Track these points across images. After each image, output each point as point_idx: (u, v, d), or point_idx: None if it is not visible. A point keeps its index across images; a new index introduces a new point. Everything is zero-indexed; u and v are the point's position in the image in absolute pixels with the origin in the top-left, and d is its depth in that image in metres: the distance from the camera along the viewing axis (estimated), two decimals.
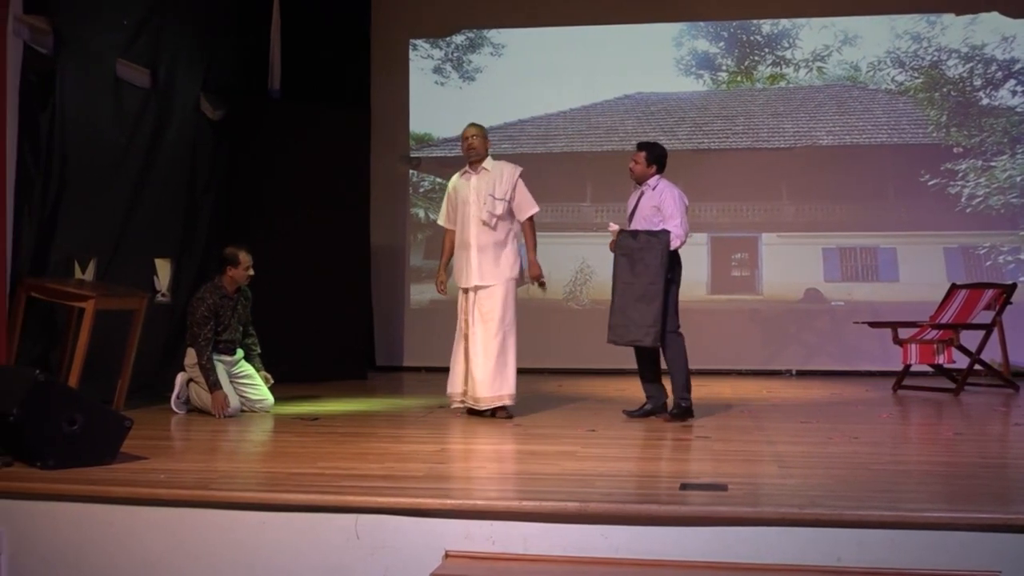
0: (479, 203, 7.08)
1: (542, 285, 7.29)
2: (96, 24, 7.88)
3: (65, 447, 4.90)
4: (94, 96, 7.86)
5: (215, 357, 7.43)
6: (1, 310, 6.52)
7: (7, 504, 4.52)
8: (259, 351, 7.82)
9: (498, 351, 6.98)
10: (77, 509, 4.46)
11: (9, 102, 6.75)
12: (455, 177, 7.34)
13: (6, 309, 6.65)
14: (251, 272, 7.58)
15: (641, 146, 7.13)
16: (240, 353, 7.71)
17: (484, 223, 7.06)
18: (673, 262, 6.79)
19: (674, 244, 6.71)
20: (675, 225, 6.74)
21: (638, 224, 6.93)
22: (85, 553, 4.42)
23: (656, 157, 7.02)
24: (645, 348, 6.87)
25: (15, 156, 6.97)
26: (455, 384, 7.13)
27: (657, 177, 6.99)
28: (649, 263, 6.70)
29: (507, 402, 7.00)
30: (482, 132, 7.23)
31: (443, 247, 7.41)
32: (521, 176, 7.19)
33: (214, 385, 7.29)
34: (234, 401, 7.40)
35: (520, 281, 7.21)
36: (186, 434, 6.67)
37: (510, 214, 7.15)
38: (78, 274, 7.62)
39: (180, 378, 7.57)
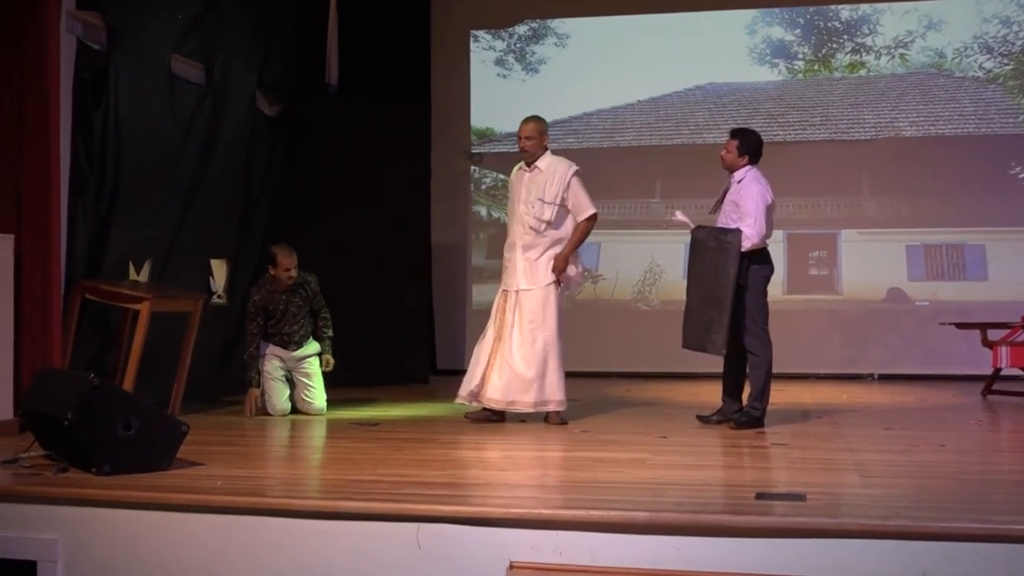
0: (527, 205, 7.04)
1: (557, 283, 7.11)
2: (150, 19, 8.00)
3: (120, 452, 4.98)
4: (148, 93, 7.99)
5: (272, 350, 7.70)
6: (56, 312, 6.64)
7: (62, 511, 4.60)
8: (330, 334, 7.92)
9: (539, 357, 6.94)
10: (132, 516, 4.52)
11: (63, 100, 6.87)
12: (515, 169, 7.29)
13: (61, 311, 6.77)
14: (292, 273, 7.61)
15: (734, 133, 6.94)
16: (308, 348, 7.85)
17: (531, 228, 7.04)
18: (753, 263, 6.63)
19: (744, 246, 6.53)
20: (748, 224, 6.57)
21: (720, 219, 6.84)
22: (140, 560, 4.49)
23: (749, 146, 6.81)
24: (734, 347, 6.77)
25: (69, 155, 7.10)
26: (471, 382, 7.05)
27: (747, 168, 6.79)
28: (719, 264, 6.58)
29: (553, 408, 6.97)
30: (538, 130, 7.08)
31: None
32: (577, 175, 7.07)
33: (249, 381, 7.64)
34: (281, 403, 7.68)
35: (569, 285, 7.17)
36: (243, 440, 6.74)
37: (563, 216, 7.08)
38: (133, 275, 7.74)
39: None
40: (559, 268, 7.04)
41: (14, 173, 6.53)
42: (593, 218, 7.11)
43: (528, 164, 7.12)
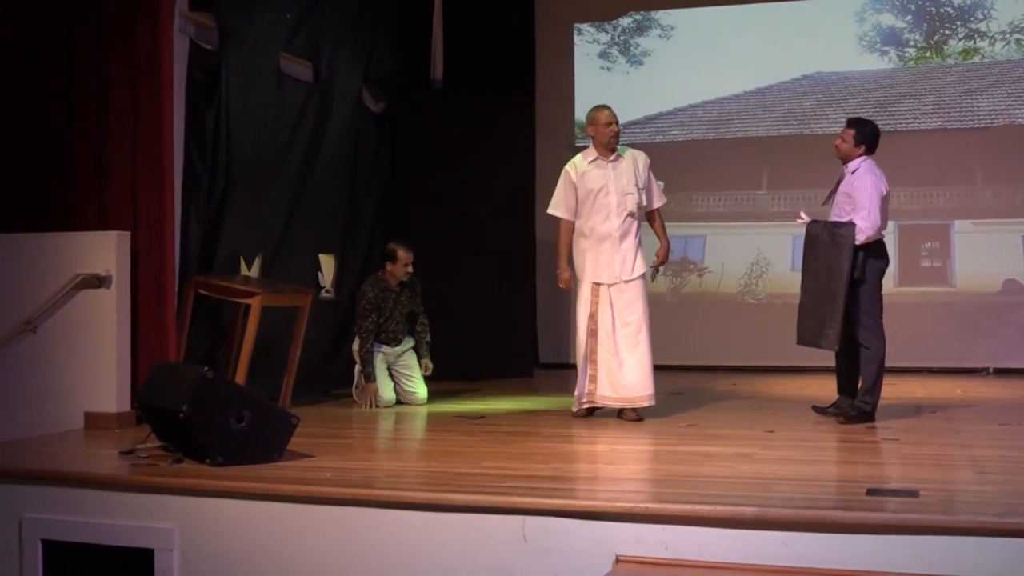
0: (621, 193, 6.95)
1: (656, 264, 7.18)
2: (259, 19, 8.16)
3: (234, 444, 5.09)
4: (258, 91, 8.14)
5: (377, 347, 7.88)
6: (170, 307, 6.81)
7: (178, 500, 4.73)
8: (429, 339, 8.13)
9: (644, 347, 6.88)
10: (245, 506, 4.63)
11: (176, 100, 7.04)
12: (581, 164, 7.10)
13: (175, 306, 6.94)
14: (409, 269, 7.88)
15: (851, 123, 6.82)
16: (407, 343, 8.07)
17: (631, 215, 6.96)
18: (868, 257, 6.51)
19: (858, 239, 6.41)
20: (862, 217, 6.44)
21: (833, 211, 6.73)
22: (252, 549, 4.59)
23: (866, 136, 6.68)
24: (847, 339, 6.64)
25: (182, 153, 7.28)
26: (584, 384, 6.94)
27: (862, 159, 6.66)
28: (832, 259, 6.46)
29: (651, 402, 6.88)
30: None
31: (561, 240, 7.17)
32: None
33: (368, 377, 7.80)
34: (388, 394, 7.87)
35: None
36: (352, 432, 6.84)
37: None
38: (244, 271, 7.90)
39: (357, 368, 8.01)
40: (665, 261, 7.14)
41: (130, 172, 6.71)
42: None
43: (607, 154, 7.02)
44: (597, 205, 6.98)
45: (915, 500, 4.19)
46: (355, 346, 7.98)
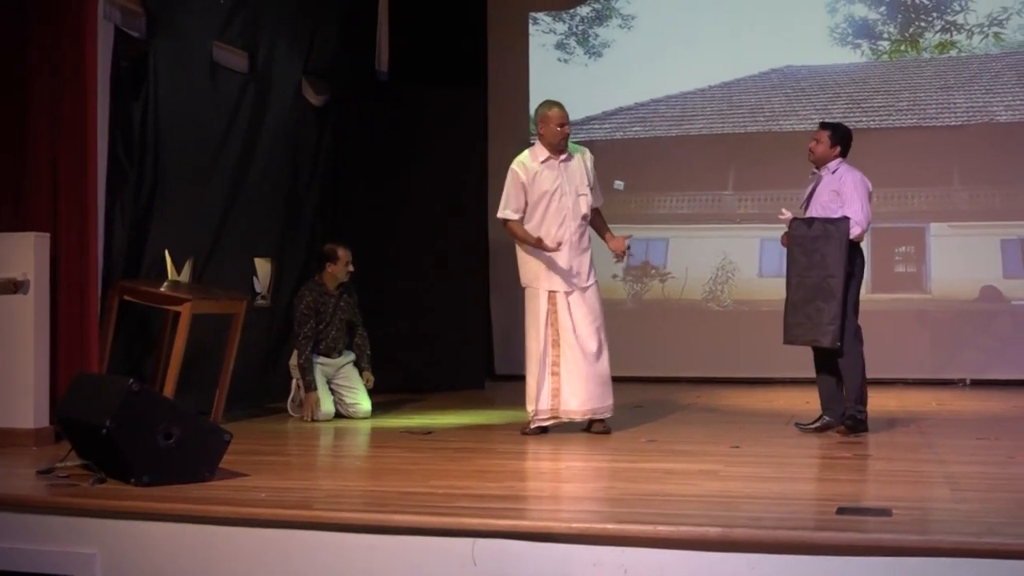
0: (575, 195, 6.98)
1: (620, 257, 7.19)
2: (190, 4, 8.10)
3: (161, 462, 5.03)
4: (189, 82, 8.08)
5: (316, 358, 7.90)
6: (93, 315, 6.73)
7: (100, 524, 4.66)
8: (369, 351, 8.16)
9: (606, 356, 6.94)
10: (173, 529, 4.57)
11: (100, 90, 6.96)
12: (530, 164, 7.06)
13: (98, 314, 6.87)
14: (351, 268, 7.96)
15: (824, 125, 7.08)
16: (347, 356, 8.12)
17: (584, 217, 7.01)
18: (853, 254, 6.69)
19: (854, 232, 6.60)
20: (855, 211, 6.64)
21: (814, 212, 6.85)
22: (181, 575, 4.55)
23: (841, 137, 6.92)
24: (824, 352, 6.76)
25: (106, 148, 7.20)
26: (544, 399, 6.91)
27: (839, 160, 6.88)
28: (826, 253, 6.62)
29: (611, 413, 6.96)
30: None
31: (519, 234, 7.05)
32: None
33: (309, 386, 7.82)
34: (327, 406, 7.89)
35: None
36: (289, 449, 6.80)
37: None
38: (173, 275, 7.83)
39: (294, 382, 8.03)
40: (622, 247, 7.06)
41: (50, 168, 6.62)
42: None
43: (558, 153, 7.03)
44: (552, 209, 6.97)
45: (888, 519, 4.21)
46: (292, 360, 7.97)
